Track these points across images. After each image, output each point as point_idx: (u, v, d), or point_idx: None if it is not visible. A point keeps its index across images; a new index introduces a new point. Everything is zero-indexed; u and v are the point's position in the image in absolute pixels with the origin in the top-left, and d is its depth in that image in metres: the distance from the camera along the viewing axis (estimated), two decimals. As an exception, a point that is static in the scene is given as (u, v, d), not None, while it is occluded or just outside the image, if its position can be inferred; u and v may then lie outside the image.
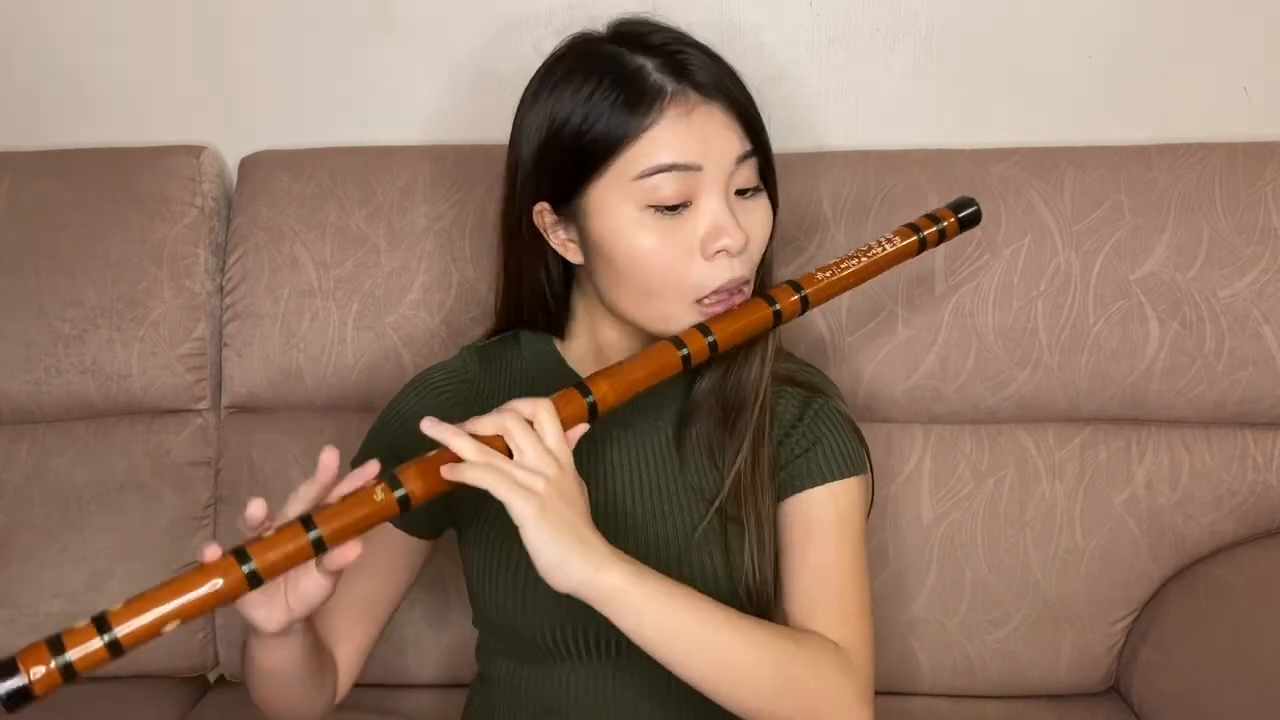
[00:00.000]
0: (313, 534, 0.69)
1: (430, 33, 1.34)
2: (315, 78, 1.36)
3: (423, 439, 0.74)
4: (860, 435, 0.93)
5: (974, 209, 0.95)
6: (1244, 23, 1.30)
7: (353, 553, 0.72)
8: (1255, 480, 1.23)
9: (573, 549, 0.74)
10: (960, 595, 1.23)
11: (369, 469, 0.73)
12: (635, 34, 0.85)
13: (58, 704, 1.20)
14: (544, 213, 0.87)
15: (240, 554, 0.68)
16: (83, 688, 1.22)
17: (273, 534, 0.69)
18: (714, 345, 0.83)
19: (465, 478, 0.73)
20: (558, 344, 0.95)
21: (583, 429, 0.79)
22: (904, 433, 1.25)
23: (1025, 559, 1.23)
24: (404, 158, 1.28)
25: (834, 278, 0.88)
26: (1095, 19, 1.30)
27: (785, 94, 1.33)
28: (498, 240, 0.94)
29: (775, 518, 0.90)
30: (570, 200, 0.84)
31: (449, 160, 1.27)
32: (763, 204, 0.86)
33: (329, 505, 0.71)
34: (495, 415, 0.75)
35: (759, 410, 0.90)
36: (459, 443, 0.73)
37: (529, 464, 0.74)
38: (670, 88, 0.81)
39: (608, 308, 0.89)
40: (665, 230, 0.82)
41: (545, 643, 0.89)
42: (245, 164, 1.33)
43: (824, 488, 0.89)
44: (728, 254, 0.82)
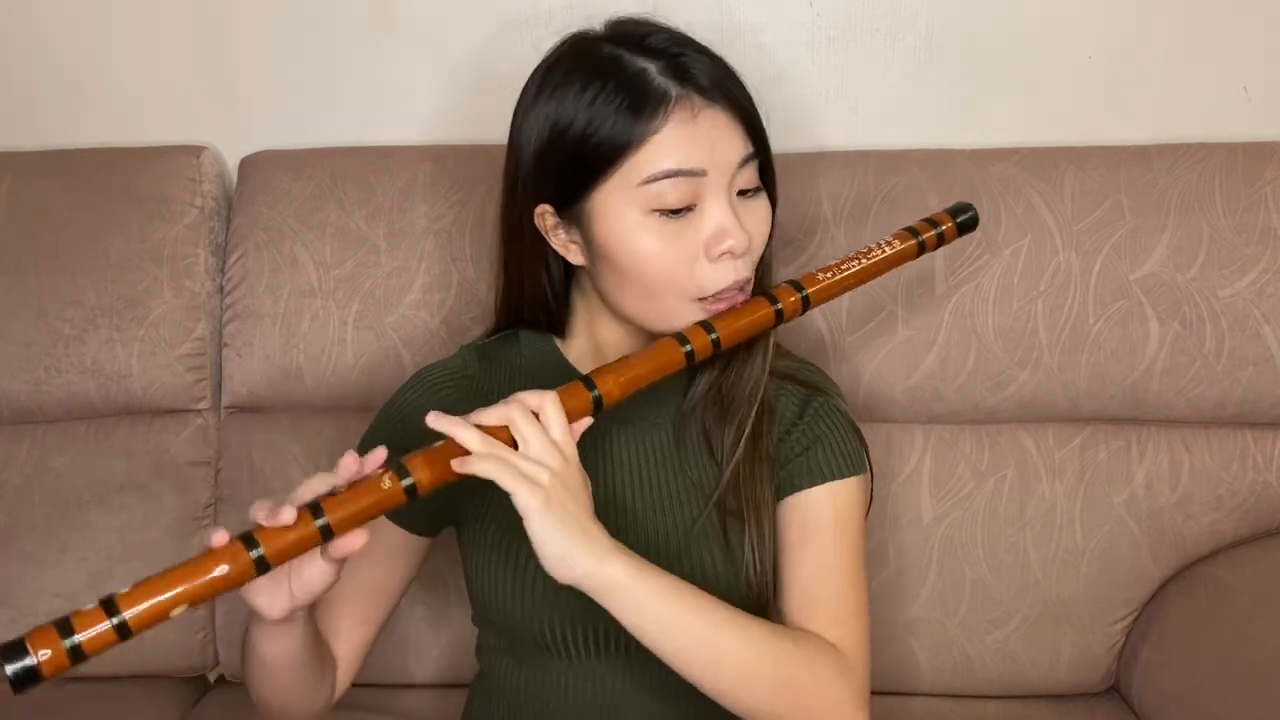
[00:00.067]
0: (320, 521, 0.70)
1: (430, 33, 1.34)
2: (315, 78, 1.36)
3: (427, 433, 0.75)
4: (860, 434, 0.93)
5: (972, 214, 0.96)
6: (1244, 23, 1.30)
7: (359, 541, 0.72)
8: (1255, 480, 1.23)
9: (576, 541, 0.74)
10: (960, 595, 1.23)
11: (376, 455, 0.73)
12: (634, 35, 0.85)
13: (58, 704, 1.21)
14: (545, 215, 0.87)
15: (248, 539, 0.69)
16: (83, 687, 1.24)
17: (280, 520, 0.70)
18: (717, 342, 0.83)
19: (471, 469, 0.73)
20: (558, 343, 0.95)
21: (587, 422, 0.79)
22: (904, 433, 1.25)
23: (1025, 559, 1.23)
24: (404, 158, 1.28)
25: (834, 279, 0.89)
26: (1095, 19, 1.30)
27: (785, 94, 1.33)
28: (497, 240, 0.94)
29: (774, 513, 0.90)
30: (573, 204, 0.84)
31: (449, 160, 1.27)
32: (763, 203, 0.87)
33: (336, 493, 0.72)
34: (501, 406, 0.76)
35: (758, 406, 0.90)
36: (464, 434, 0.74)
37: (534, 455, 0.74)
38: (674, 92, 0.81)
39: (610, 308, 0.89)
40: (670, 233, 0.82)
41: (545, 639, 0.89)
42: (245, 164, 1.33)
43: (823, 487, 0.89)
44: (731, 256, 0.83)
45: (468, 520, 0.94)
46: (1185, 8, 1.30)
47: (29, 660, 0.63)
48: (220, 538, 0.69)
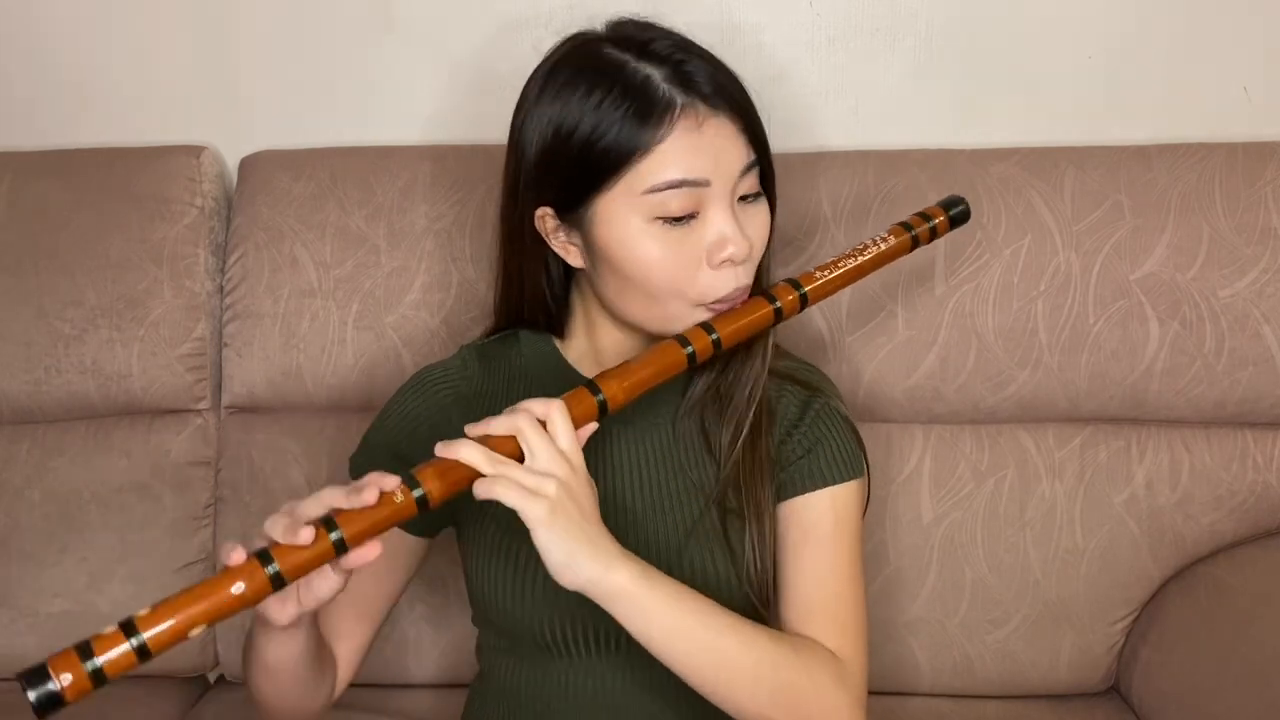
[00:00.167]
0: (334, 535, 0.70)
1: (430, 33, 1.34)
2: (315, 78, 1.36)
3: (427, 436, 0.75)
4: (858, 437, 0.94)
5: (963, 207, 0.98)
6: (1244, 23, 1.30)
7: (372, 553, 0.73)
8: (1255, 480, 1.23)
9: (582, 549, 0.75)
10: (960, 595, 1.23)
11: (388, 480, 0.73)
12: (638, 40, 0.84)
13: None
14: (546, 218, 0.87)
15: (263, 556, 0.69)
16: (83, 687, 1.24)
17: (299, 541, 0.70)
18: (718, 343, 0.84)
19: (477, 493, 0.74)
20: (557, 343, 0.95)
21: (592, 427, 0.80)
22: (904, 433, 1.25)
23: (1025, 559, 1.23)
24: (404, 158, 1.28)
25: (831, 276, 0.89)
26: (1095, 19, 1.30)
27: (785, 94, 1.33)
28: (497, 240, 0.94)
29: (775, 513, 0.90)
30: (575, 208, 0.84)
31: (449, 160, 1.27)
32: (763, 208, 0.87)
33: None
34: (508, 416, 0.76)
35: (757, 405, 0.90)
36: (469, 454, 0.74)
37: (540, 467, 0.75)
38: (680, 100, 0.81)
39: (610, 310, 0.89)
40: (671, 240, 0.82)
41: (544, 639, 0.89)
42: (245, 164, 1.33)
43: (824, 491, 0.90)
44: (732, 263, 0.83)
45: (467, 521, 0.94)
46: (1185, 8, 1.30)
47: (51, 685, 0.63)
48: (237, 556, 0.69)
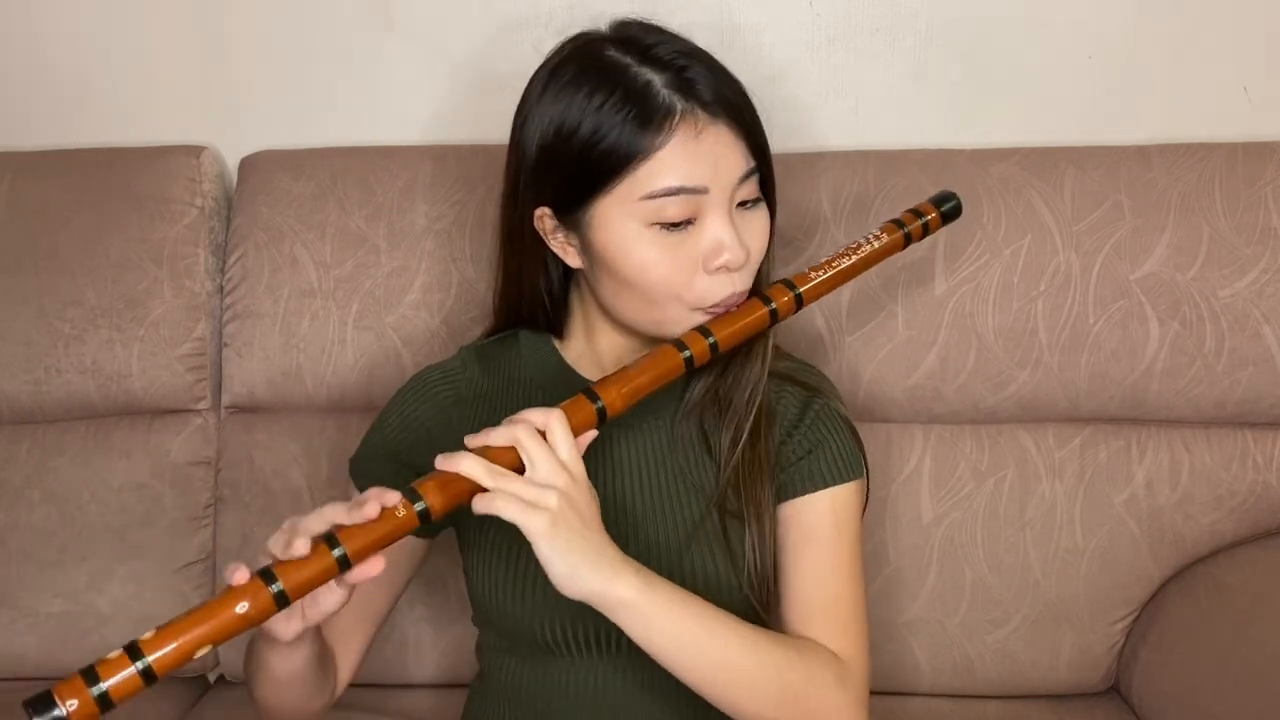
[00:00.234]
0: (337, 552, 0.70)
1: (430, 33, 1.34)
2: (315, 78, 1.36)
3: (427, 439, 0.75)
4: (858, 438, 0.94)
5: (955, 202, 0.99)
6: (1244, 23, 1.30)
7: (376, 568, 0.72)
8: (1255, 480, 1.23)
9: (585, 560, 0.75)
10: (960, 595, 1.23)
11: (390, 495, 0.73)
12: (641, 43, 0.84)
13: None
14: (545, 218, 0.87)
15: (267, 575, 0.69)
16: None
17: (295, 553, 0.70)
18: (715, 346, 0.84)
19: (477, 509, 0.74)
20: (557, 344, 0.95)
21: (592, 435, 0.80)
22: (904, 433, 1.25)
23: (1025, 559, 1.23)
24: (404, 158, 1.28)
25: (826, 275, 0.90)
26: (1095, 19, 1.30)
27: (785, 94, 1.33)
28: (497, 240, 0.94)
29: (775, 514, 0.90)
30: (574, 209, 0.84)
31: (449, 160, 1.27)
32: (762, 214, 0.87)
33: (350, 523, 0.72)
34: (508, 426, 0.76)
35: (756, 406, 0.90)
36: (470, 468, 0.74)
37: (541, 478, 0.75)
38: (680, 106, 0.81)
39: (607, 312, 0.89)
40: (668, 245, 0.82)
41: (544, 639, 0.89)
42: (245, 164, 1.33)
43: (824, 492, 0.90)
44: (728, 269, 0.83)
45: (468, 522, 0.93)
46: (1185, 8, 1.30)
47: (58, 712, 0.63)
48: (241, 575, 0.69)
